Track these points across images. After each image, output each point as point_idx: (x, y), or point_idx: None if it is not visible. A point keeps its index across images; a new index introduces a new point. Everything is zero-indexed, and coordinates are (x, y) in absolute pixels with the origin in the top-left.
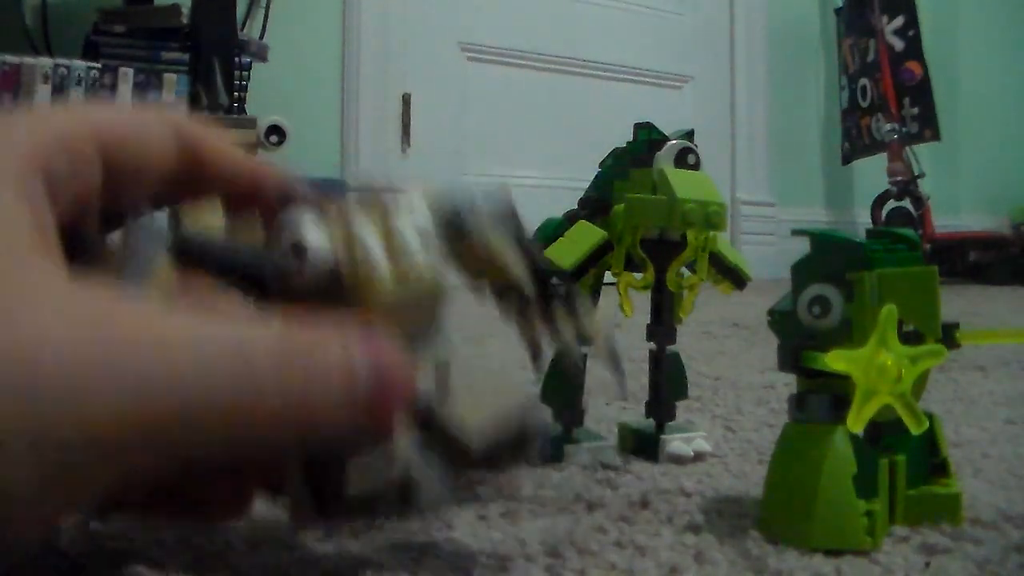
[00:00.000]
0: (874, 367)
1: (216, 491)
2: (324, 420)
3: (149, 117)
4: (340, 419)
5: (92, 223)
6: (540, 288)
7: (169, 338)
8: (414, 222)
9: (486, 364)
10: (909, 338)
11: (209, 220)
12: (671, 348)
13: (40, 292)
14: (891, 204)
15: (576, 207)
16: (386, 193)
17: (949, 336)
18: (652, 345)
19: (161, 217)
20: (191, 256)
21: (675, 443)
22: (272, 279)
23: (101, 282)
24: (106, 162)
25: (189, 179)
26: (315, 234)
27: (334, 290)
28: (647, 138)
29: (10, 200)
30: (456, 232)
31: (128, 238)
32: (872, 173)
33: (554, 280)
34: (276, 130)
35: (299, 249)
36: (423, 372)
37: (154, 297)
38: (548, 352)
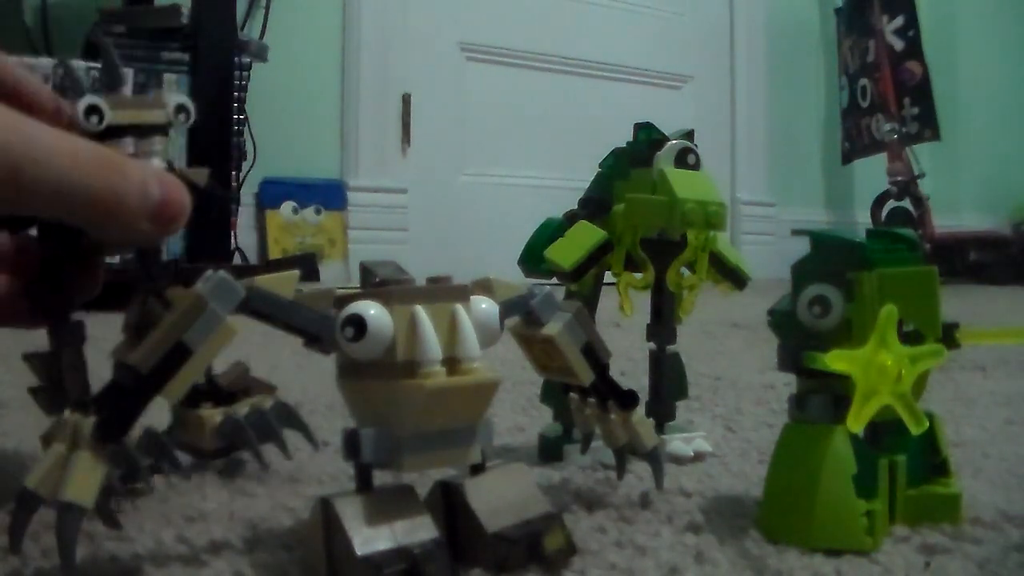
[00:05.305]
0: (874, 367)
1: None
2: (124, 211)
3: None
4: (136, 216)
5: None
6: (602, 393)
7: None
8: (477, 316)
9: (516, 469)
10: (909, 338)
11: (281, 285)
12: (671, 348)
13: None
14: (891, 204)
15: (576, 207)
16: (454, 284)
17: (949, 336)
18: (652, 345)
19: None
20: (258, 311)
21: (675, 443)
22: (327, 342)
23: None
24: None
25: None
26: (376, 311)
27: (387, 364)
28: (647, 138)
29: None
30: (528, 327)
31: (202, 286)
32: (872, 173)
33: (619, 389)
34: (182, 108)
35: (357, 322)
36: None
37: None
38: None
